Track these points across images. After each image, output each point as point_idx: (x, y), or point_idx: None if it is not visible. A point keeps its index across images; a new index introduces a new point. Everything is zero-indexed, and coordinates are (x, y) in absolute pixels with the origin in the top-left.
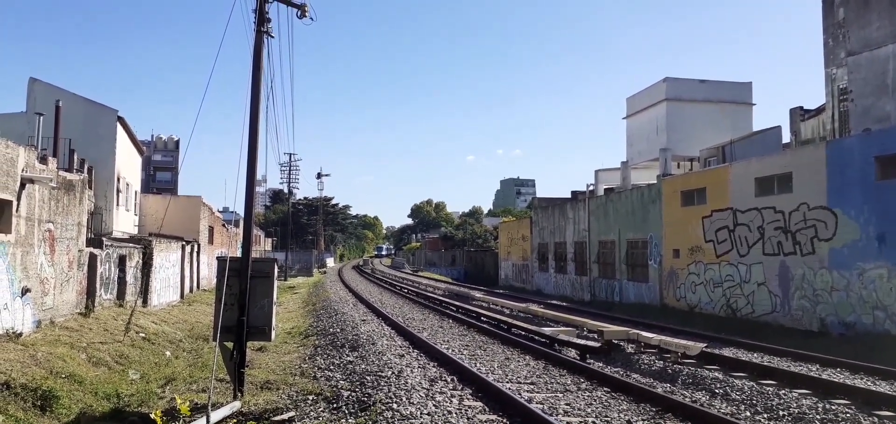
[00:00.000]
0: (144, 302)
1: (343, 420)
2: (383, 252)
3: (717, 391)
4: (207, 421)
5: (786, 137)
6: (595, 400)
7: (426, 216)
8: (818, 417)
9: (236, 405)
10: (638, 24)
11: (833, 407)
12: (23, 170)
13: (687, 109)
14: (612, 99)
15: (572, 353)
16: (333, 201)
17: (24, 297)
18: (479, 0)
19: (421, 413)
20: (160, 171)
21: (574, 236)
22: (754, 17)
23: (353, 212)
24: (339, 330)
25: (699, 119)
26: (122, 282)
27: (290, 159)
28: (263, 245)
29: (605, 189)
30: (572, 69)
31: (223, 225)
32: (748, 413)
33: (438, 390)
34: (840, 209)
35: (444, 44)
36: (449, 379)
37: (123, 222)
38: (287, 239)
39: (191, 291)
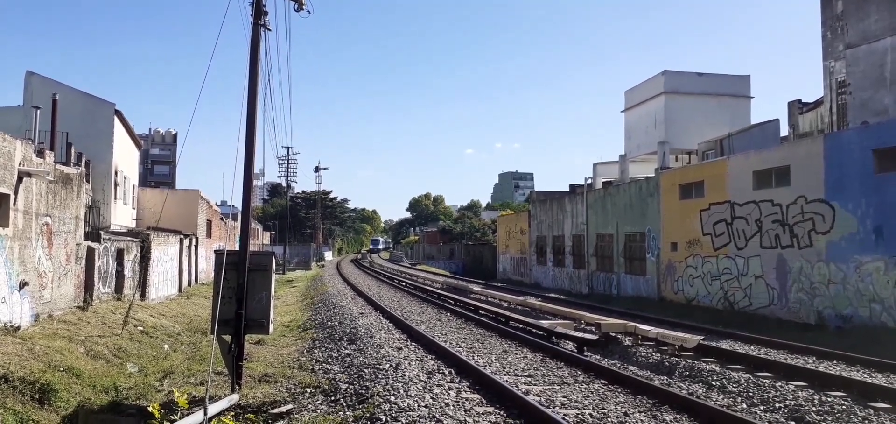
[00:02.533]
0: (142, 296)
1: (341, 413)
2: (380, 246)
3: (713, 383)
4: (205, 414)
5: (784, 130)
6: (592, 392)
7: (425, 210)
8: (814, 409)
9: (234, 398)
10: (636, 17)
11: (829, 399)
12: (20, 164)
13: (685, 103)
14: (611, 92)
15: (570, 346)
16: (332, 195)
17: (22, 291)
18: None
19: (418, 406)
20: (158, 164)
21: (572, 229)
22: (753, 10)
23: (351, 206)
24: (337, 323)
25: (697, 112)
26: (119, 276)
27: (288, 152)
28: (261, 239)
29: (603, 183)
30: (571, 62)
31: (221, 219)
32: (745, 405)
33: (436, 382)
34: (837, 202)
35: (442, 37)
36: (447, 372)
37: (121, 215)
38: (285, 233)
39: (189, 284)
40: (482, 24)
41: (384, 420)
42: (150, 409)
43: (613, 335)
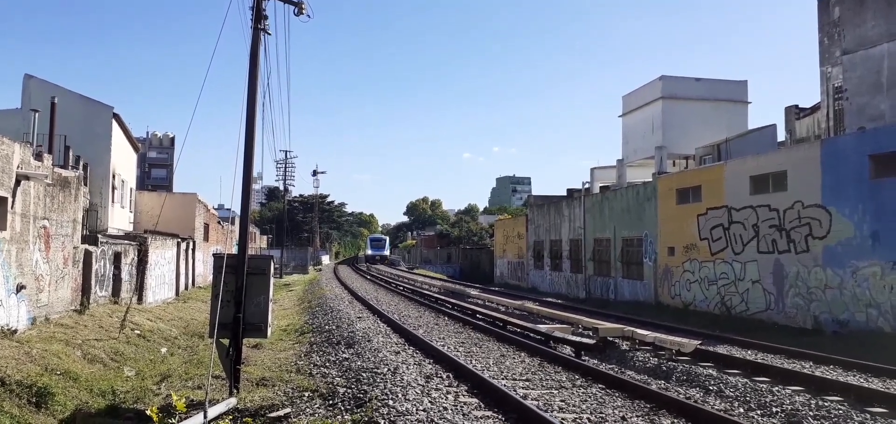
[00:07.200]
0: (140, 299)
1: (339, 417)
2: (385, 250)
3: (711, 388)
4: (205, 417)
5: (781, 135)
6: (590, 397)
7: (422, 214)
8: (811, 414)
9: (232, 401)
10: (634, 22)
11: (826, 404)
12: (18, 167)
13: (682, 108)
14: (608, 97)
15: (567, 350)
16: (329, 199)
17: (19, 294)
18: None
19: (416, 410)
20: (155, 168)
21: (569, 233)
22: (750, 16)
23: (348, 209)
24: (334, 327)
25: (695, 117)
26: (117, 279)
27: (286, 156)
28: (259, 243)
29: (601, 187)
30: (568, 67)
31: (219, 222)
32: (742, 410)
33: (434, 386)
34: (834, 208)
35: (440, 41)
36: (444, 376)
37: (119, 219)
38: (282, 237)
39: (186, 288)
40: (480, 30)
41: None
42: (148, 413)
43: (611, 339)
